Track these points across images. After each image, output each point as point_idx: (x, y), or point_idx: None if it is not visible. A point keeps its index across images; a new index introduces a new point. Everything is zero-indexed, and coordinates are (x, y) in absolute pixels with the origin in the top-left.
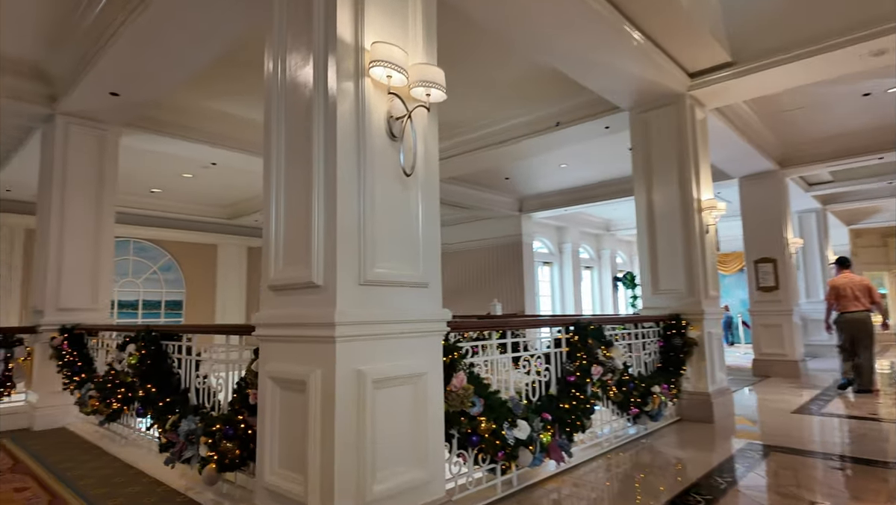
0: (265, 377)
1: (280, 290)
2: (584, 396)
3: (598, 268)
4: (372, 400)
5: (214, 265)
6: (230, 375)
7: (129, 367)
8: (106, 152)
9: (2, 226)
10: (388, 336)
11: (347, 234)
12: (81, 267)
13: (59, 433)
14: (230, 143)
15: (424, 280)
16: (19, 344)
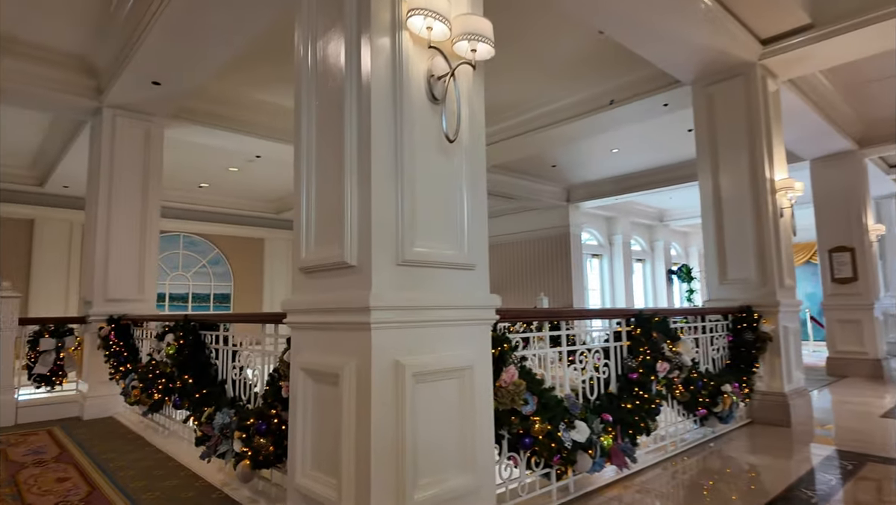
0: (297, 369)
1: (311, 272)
2: (648, 395)
3: (650, 260)
4: (412, 396)
5: (262, 259)
6: (265, 365)
7: (168, 357)
8: (151, 144)
9: (60, 221)
10: (429, 323)
11: (383, 208)
12: (128, 258)
13: (107, 423)
14: (274, 134)
15: (470, 261)
16: (70, 334)
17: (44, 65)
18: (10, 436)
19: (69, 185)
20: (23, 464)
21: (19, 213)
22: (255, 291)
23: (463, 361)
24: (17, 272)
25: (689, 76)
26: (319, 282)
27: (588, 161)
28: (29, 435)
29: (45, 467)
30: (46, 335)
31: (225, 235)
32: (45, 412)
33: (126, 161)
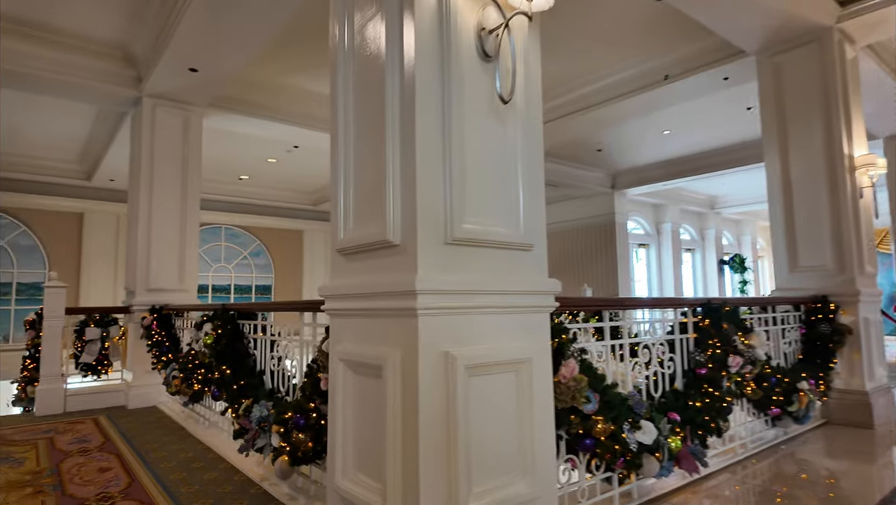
0: (336, 360)
1: (350, 253)
2: (718, 392)
3: (700, 250)
4: (465, 391)
5: (301, 251)
6: (304, 356)
7: (206, 347)
8: (190, 133)
9: (108, 214)
10: (482, 310)
11: (429, 179)
12: (169, 247)
13: (150, 412)
14: (312, 123)
15: (527, 240)
16: (114, 323)
17: (84, 54)
18: (59, 424)
19: (115, 178)
20: (68, 452)
21: (69, 207)
22: (294, 282)
23: (520, 353)
24: (68, 264)
25: (754, 45)
26: (359, 264)
27: (636, 144)
28: (76, 423)
29: (89, 456)
30: (92, 325)
31: (265, 227)
32: (92, 401)
33: (166, 151)
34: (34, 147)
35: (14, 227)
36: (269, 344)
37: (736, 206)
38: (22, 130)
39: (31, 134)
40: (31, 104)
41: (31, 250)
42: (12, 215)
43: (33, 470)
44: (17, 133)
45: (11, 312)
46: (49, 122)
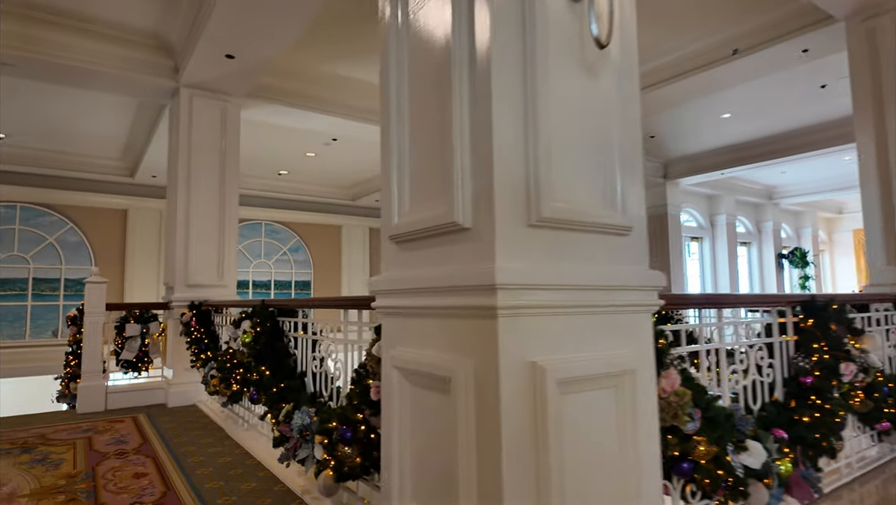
0: (390, 367)
1: (406, 241)
2: (829, 404)
3: (756, 243)
4: (557, 412)
5: (339, 246)
6: (349, 358)
7: (244, 345)
8: (228, 125)
9: (150, 210)
10: (575, 310)
11: (507, 146)
12: (208, 242)
13: (190, 412)
14: (353, 113)
15: (626, 222)
16: (154, 320)
17: (120, 44)
18: (99, 422)
19: (156, 174)
20: (105, 454)
21: (114, 204)
22: (333, 278)
23: (621, 364)
24: (113, 260)
25: (843, 9)
26: (417, 254)
27: (692, 130)
28: (115, 422)
29: (126, 460)
30: (132, 321)
31: (304, 223)
32: (132, 398)
33: (204, 143)
34: (79, 144)
35: (61, 225)
36: (310, 343)
37: (797, 197)
38: (67, 128)
39: (76, 131)
40: (75, 101)
41: (77, 247)
42: (60, 212)
43: (69, 474)
44: (63, 131)
45: (60, 308)
46: (92, 118)
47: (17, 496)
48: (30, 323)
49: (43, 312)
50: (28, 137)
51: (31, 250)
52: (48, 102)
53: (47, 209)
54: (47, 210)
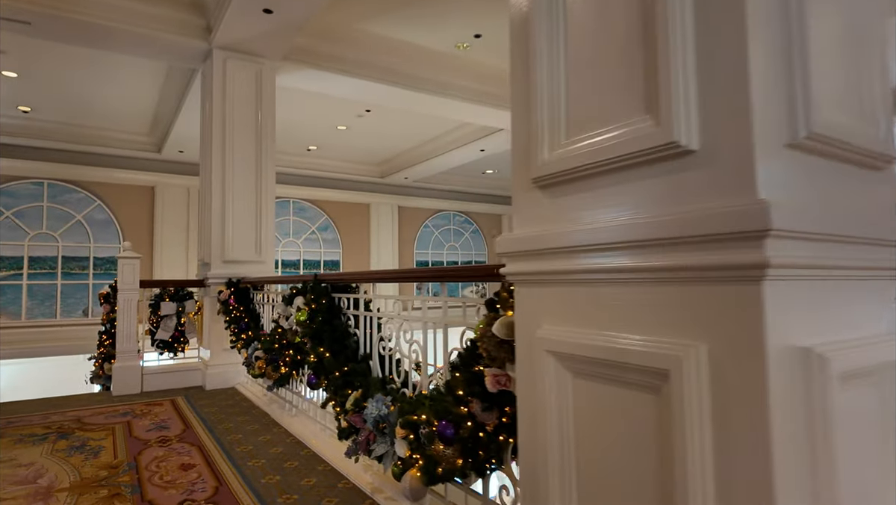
0: (539, 352)
1: (563, 181)
2: None
3: None
4: (838, 415)
5: (367, 224)
6: (428, 336)
7: (298, 324)
8: (263, 90)
9: (178, 187)
10: (848, 274)
11: (760, 22)
12: (245, 215)
13: (229, 395)
14: (393, 78)
15: (889, 150)
16: (190, 298)
17: (151, 2)
18: (136, 406)
19: (184, 149)
20: (146, 442)
21: (141, 181)
22: (362, 257)
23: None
24: (141, 238)
25: None
26: (583, 197)
27: None
28: (153, 406)
29: (169, 448)
30: (167, 299)
31: (332, 201)
32: (169, 380)
33: (239, 109)
34: (106, 118)
35: (89, 202)
36: (373, 322)
37: None
38: (93, 100)
39: (102, 104)
40: (100, 70)
41: (105, 224)
42: (87, 189)
43: (109, 464)
44: (89, 104)
45: (89, 287)
46: (118, 89)
47: (56, 490)
48: (60, 302)
49: (73, 291)
50: (53, 111)
51: (59, 228)
52: (72, 72)
53: (74, 186)
54: (74, 187)
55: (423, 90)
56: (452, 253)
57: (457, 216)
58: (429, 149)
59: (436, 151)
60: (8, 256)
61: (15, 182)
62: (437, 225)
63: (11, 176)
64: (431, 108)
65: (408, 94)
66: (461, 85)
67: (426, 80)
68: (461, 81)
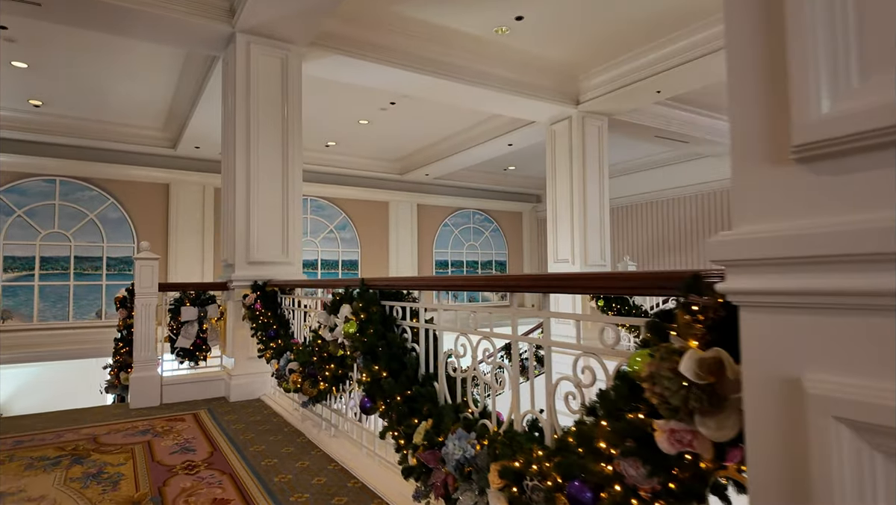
0: (815, 416)
1: (858, 149)
2: None
3: None
4: None
5: (386, 223)
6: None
7: (346, 337)
8: (290, 77)
9: (194, 184)
10: None
11: None
12: (271, 211)
13: (256, 408)
14: (424, 65)
15: None
16: (212, 302)
17: None
18: (156, 421)
19: (200, 145)
20: (171, 468)
21: (155, 178)
22: (380, 257)
23: None
24: (155, 238)
25: None
26: (877, 176)
27: None
28: (175, 420)
29: (198, 477)
30: (188, 303)
31: (350, 199)
32: (190, 391)
33: (263, 97)
34: (119, 112)
35: (102, 200)
36: (436, 337)
37: None
38: (106, 93)
39: (116, 97)
40: (116, 61)
41: (119, 223)
42: (100, 187)
43: (131, 498)
44: (101, 97)
45: (103, 288)
46: (132, 80)
47: None
48: (73, 304)
49: (86, 292)
50: (65, 105)
51: (71, 227)
52: (85, 63)
53: (87, 183)
54: (87, 184)
55: (459, 79)
56: (472, 252)
57: (476, 214)
58: (453, 143)
59: (460, 146)
60: (19, 256)
61: (26, 179)
62: (457, 223)
63: (22, 173)
64: (465, 100)
65: (441, 84)
66: (498, 74)
67: (462, 68)
68: (498, 70)
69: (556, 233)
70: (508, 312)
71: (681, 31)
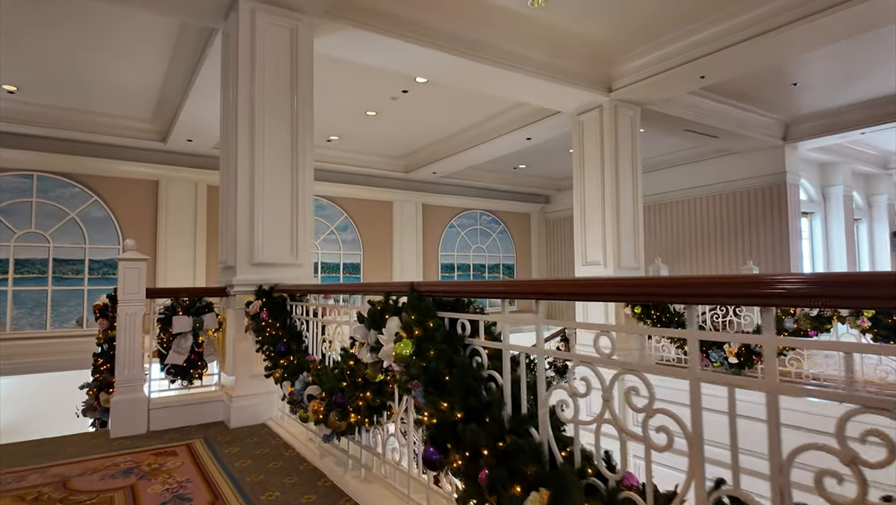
0: None
1: None
2: None
3: (866, 220)
4: None
5: (390, 224)
6: None
7: (399, 360)
8: (300, 54)
9: (185, 181)
10: None
11: None
12: (279, 206)
13: (262, 437)
14: (449, 43)
15: None
16: (209, 311)
17: None
18: (142, 454)
19: (193, 138)
20: None
21: (143, 174)
22: (384, 260)
23: None
24: (143, 239)
25: None
26: None
27: (850, 75)
28: (165, 455)
29: None
30: (181, 312)
31: (352, 198)
32: (183, 416)
33: (270, 73)
34: (104, 101)
35: (84, 197)
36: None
37: None
38: (90, 80)
39: (101, 85)
40: (100, 41)
41: (103, 223)
42: (82, 183)
43: None
44: (85, 85)
45: (84, 294)
46: (119, 65)
47: None
48: (51, 311)
49: (65, 298)
50: (43, 92)
51: (50, 227)
52: (65, 44)
53: (68, 179)
54: (68, 180)
55: (488, 60)
56: (479, 255)
57: (484, 215)
58: (465, 138)
59: (473, 141)
60: None
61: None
62: (463, 225)
63: None
64: (492, 84)
65: (468, 66)
66: (530, 56)
67: (492, 47)
68: (531, 52)
69: (585, 234)
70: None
71: (729, 10)
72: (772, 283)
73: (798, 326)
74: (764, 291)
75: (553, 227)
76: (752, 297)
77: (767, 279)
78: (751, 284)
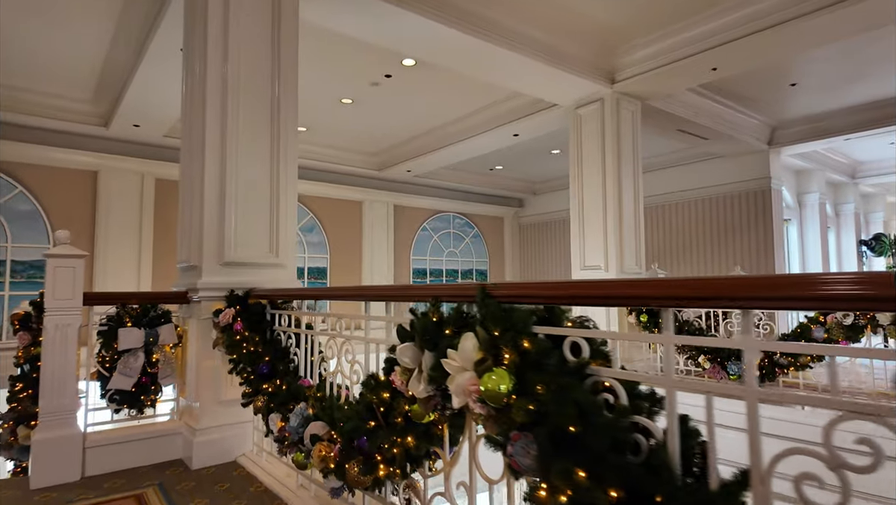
0: None
1: None
2: None
3: (835, 228)
4: None
5: (360, 226)
6: None
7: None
8: (283, 18)
9: (130, 173)
10: None
11: None
12: (256, 197)
13: (236, 481)
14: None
15: None
16: (166, 321)
17: None
18: None
19: (140, 122)
20: None
21: (80, 163)
22: (352, 265)
23: None
24: (79, 237)
25: None
26: None
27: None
28: None
29: None
30: (129, 322)
31: (319, 196)
32: (130, 455)
33: (245, 36)
34: (34, 76)
35: (8, 188)
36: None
37: (875, 176)
38: (19, 50)
39: (32, 55)
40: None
41: (29, 218)
42: (5, 172)
43: None
44: (13, 57)
45: (5, 300)
46: (53, 32)
47: None
48: None
49: None
50: None
51: None
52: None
53: None
54: None
55: (486, 35)
56: (452, 260)
57: (457, 218)
58: (449, 132)
59: (456, 136)
60: None
61: None
62: (436, 228)
63: None
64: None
65: (464, 41)
66: (533, 36)
67: (492, 22)
68: (533, 30)
69: (584, 235)
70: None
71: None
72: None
73: (829, 336)
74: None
75: (527, 231)
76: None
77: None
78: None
